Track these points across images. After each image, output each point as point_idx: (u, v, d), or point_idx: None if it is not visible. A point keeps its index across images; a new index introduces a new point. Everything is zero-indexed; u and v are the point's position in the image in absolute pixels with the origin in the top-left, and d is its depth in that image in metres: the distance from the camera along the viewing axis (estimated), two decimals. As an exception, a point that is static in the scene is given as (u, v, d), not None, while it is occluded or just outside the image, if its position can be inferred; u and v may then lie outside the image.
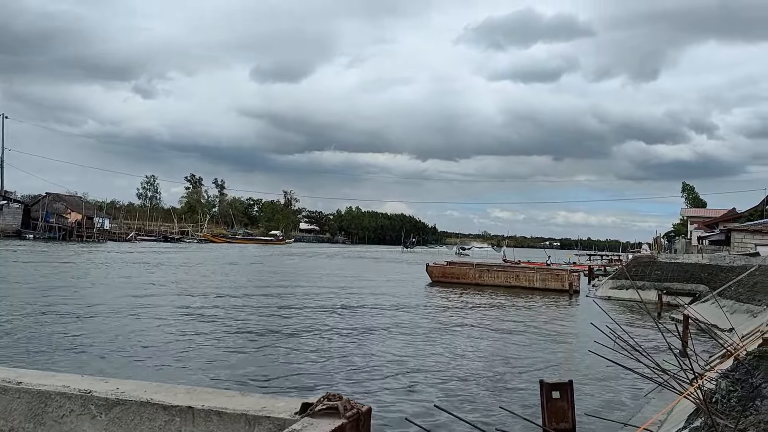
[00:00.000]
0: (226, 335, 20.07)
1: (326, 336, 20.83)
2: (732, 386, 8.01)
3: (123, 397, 2.46)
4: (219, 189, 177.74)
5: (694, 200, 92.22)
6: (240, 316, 24.23)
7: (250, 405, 2.28)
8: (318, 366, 16.38)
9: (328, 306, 29.02)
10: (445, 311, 30.07)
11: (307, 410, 2.14)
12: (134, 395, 2.46)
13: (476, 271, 47.63)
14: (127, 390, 2.51)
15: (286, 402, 2.29)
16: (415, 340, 20.99)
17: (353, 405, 2.13)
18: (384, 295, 35.65)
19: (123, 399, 2.45)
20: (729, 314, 23.09)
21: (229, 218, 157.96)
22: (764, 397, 6.60)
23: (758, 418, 5.70)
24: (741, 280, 31.07)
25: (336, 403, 2.09)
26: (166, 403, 2.37)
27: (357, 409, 2.13)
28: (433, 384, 15.05)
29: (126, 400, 2.44)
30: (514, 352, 19.93)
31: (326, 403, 2.10)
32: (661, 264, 42.11)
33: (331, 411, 2.10)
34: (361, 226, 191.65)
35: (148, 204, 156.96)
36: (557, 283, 43.69)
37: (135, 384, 2.61)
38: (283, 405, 2.26)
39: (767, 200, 63.48)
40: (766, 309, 23.05)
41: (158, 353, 16.94)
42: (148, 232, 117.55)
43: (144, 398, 2.42)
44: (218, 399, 2.35)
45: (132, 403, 2.43)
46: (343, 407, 2.09)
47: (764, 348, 10.11)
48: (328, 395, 2.12)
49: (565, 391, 7.69)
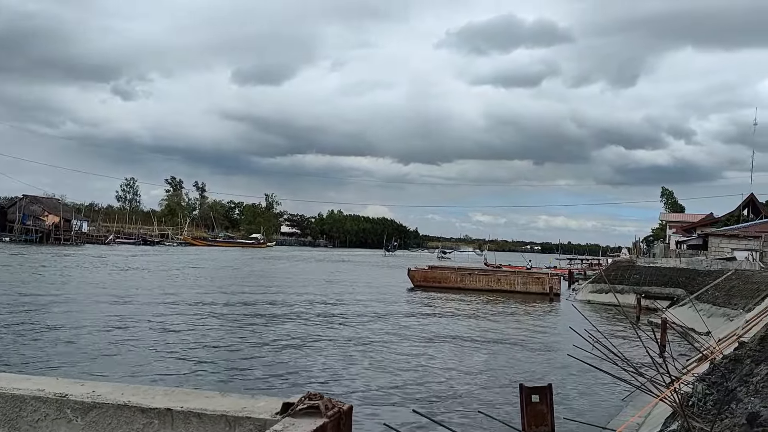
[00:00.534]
0: (204, 338, 19.91)
1: (305, 341, 20.75)
2: (708, 389, 8.10)
3: (99, 400, 2.42)
4: (200, 192, 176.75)
5: (672, 205, 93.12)
6: (218, 320, 24.07)
7: (230, 406, 2.26)
8: (297, 370, 16.31)
9: (309, 310, 28.91)
10: (426, 316, 30.08)
11: (289, 410, 2.13)
12: (111, 398, 2.42)
13: (458, 275, 47.72)
14: (104, 393, 2.47)
15: (266, 402, 2.27)
16: (394, 345, 20.98)
17: (334, 404, 2.12)
18: (365, 300, 35.60)
19: (99, 402, 2.41)
20: (706, 318, 23.35)
21: (209, 221, 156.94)
22: (739, 400, 6.68)
23: (733, 421, 5.77)
24: (718, 284, 31.44)
25: (317, 402, 2.08)
26: (143, 406, 2.34)
27: (338, 408, 2.12)
28: (412, 389, 15.05)
29: (102, 404, 2.41)
30: (493, 356, 20.00)
31: (307, 402, 2.09)
32: (640, 268, 42.50)
33: (312, 410, 2.09)
34: (343, 230, 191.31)
35: (128, 207, 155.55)
36: (538, 287, 43.91)
37: (111, 386, 2.57)
38: (264, 405, 2.24)
39: (743, 205, 64.34)
40: (742, 313, 23.34)
41: (135, 356, 16.80)
42: (127, 235, 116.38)
43: (121, 401, 2.38)
44: (197, 400, 2.32)
45: (109, 407, 2.40)
46: (325, 406, 2.08)
47: (740, 351, 10.24)
48: (309, 395, 2.11)
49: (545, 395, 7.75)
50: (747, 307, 23.67)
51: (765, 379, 7.01)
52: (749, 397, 6.55)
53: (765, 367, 7.79)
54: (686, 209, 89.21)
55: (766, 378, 7.03)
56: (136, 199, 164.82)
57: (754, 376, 7.63)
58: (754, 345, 10.30)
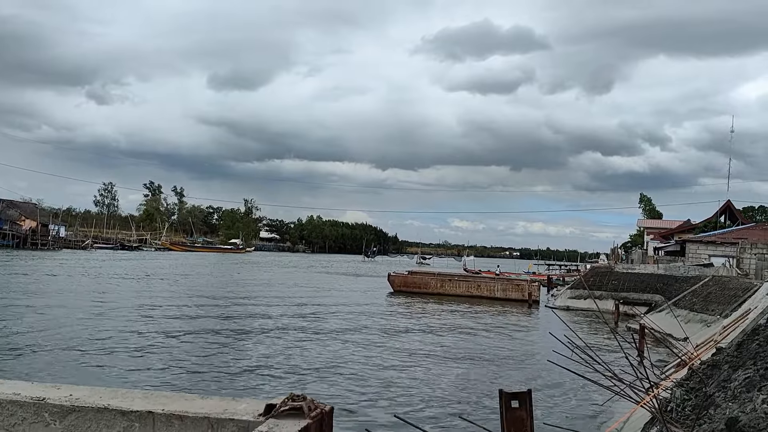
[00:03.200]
0: (183, 343, 19.76)
1: (285, 346, 20.64)
2: (686, 395, 8.17)
3: (78, 403, 2.38)
4: (178, 197, 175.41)
5: (651, 211, 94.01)
6: (197, 326, 23.82)
7: (212, 408, 2.23)
8: (275, 375, 16.22)
9: (289, 315, 28.77)
10: (406, 321, 30.08)
11: (272, 411, 2.11)
12: (90, 401, 2.38)
13: (438, 281, 47.78)
14: (82, 396, 2.43)
15: (248, 404, 2.25)
16: (375, 351, 20.95)
17: (317, 405, 2.11)
18: (345, 305, 35.52)
19: (78, 405, 2.37)
20: (684, 324, 23.58)
21: (188, 226, 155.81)
22: (717, 405, 6.74)
23: (711, 427, 5.82)
24: (695, 290, 31.79)
25: (301, 403, 2.06)
26: (123, 409, 2.30)
27: (321, 408, 2.11)
28: (393, 394, 15.03)
29: (81, 407, 2.36)
30: (473, 362, 20.03)
31: (290, 403, 2.07)
32: (618, 274, 42.84)
33: (295, 412, 2.07)
34: (322, 235, 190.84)
35: (106, 211, 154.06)
36: (518, 294, 44.06)
37: (89, 390, 2.53)
38: (245, 407, 2.22)
39: (721, 212, 65.20)
40: (719, 319, 23.60)
41: (113, 360, 16.61)
42: (105, 240, 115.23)
43: (100, 404, 2.34)
44: (178, 402, 2.29)
45: (88, 410, 2.35)
46: (308, 407, 2.06)
47: (718, 357, 10.34)
48: (292, 396, 2.10)
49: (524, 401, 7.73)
50: (724, 313, 23.94)
51: (743, 385, 7.08)
52: (727, 403, 6.61)
53: (742, 372, 7.87)
54: (664, 216, 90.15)
55: (744, 383, 7.10)
56: (114, 204, 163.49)
57: (731, 381, 7.70)
58: (731, 351, 10.41)
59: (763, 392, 6.07)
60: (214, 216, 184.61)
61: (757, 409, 5.31)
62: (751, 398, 6.08)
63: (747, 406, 5.73)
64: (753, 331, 11.26)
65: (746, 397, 6.34)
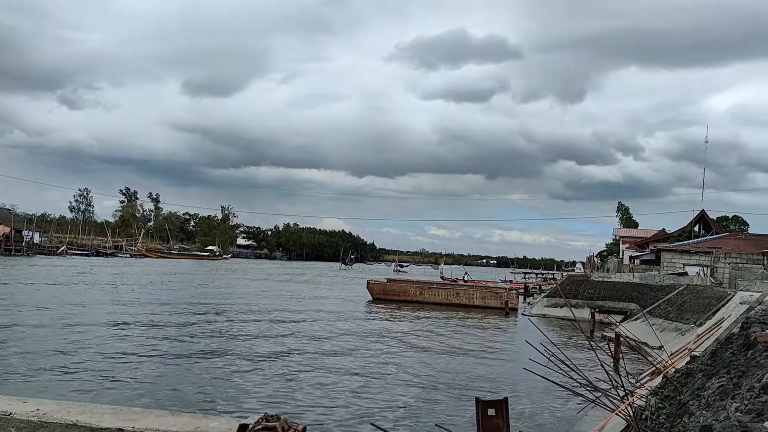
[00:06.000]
0: (154, 356, 19.25)
1: (261, 357, 20.47)
2: (661, 403, 8.23)
3: (46, 419, 2.31)
4: (154, 203, 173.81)
5: (627, 220, 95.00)
6: (170, 336, 23.26)
7: (182, 425, 2.18)
8: (249, 387, 16.03)
9: (266, 325, 28.54)
10: (384, 330, 30.04)
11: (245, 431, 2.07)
12: (58, 417, 2.31)
13: (417, 288, 47.83)
14: (49, 411, 2.36)
15: (219, 422, 2.20)
16: (353, 359, 20.89)
17: (290, 425, 2.07)
18: (324, 314, 35.38)
19: (46, 421, 2.30)
20: (659, 332, 23.81)
21: (164, 233, 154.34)
22: (691, 413, 6.79)
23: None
24: (670, 298, 32.14)
25: (275, 423, 2.03)
26: (93, 425, 2.24)
27: (294, 429, 2.08)
28: (370, 402, 14.98)
29: (50, 422, 2.29)
30: (451, 370, 20.04)
31: (264, 424, 2.04)
32: (594, 283, 43.18)
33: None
34: (300, 243, 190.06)
35: (81, 217, 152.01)
36: (496, 301, 44.25)
37: (56, 404, 2.47)
38: (216, 425, 2.17)
39: (695, 222, 66.03)
40: (693, 327, 23.87)
41: (81, 373, 16.15)
42: (80, 247, 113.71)
43: (69, 420, 2.28)
44: (147, 419, 2.24)
45: (56, 426, 2.28)
46: (282, 428, 2.03)
47: (692, 365, 10.44)
48: (266, 416, 2.06)
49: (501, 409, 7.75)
50: (698, 322, 24.22)
51: (716, 393, 7.14)
52: (701, 411, 6.66)
53: (716, 380, 7.94)
54: (639, 225, 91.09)
55: (718, 392, 7.17)
56: (89, 210, 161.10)
57: (705, 389, 7.77)
58: (705, 359, 10.51)
59: (736, 400, 6.13)
60: (191, 223, 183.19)
61: (730, 417, 5.36)
62: (724, 406, 6.13)
63: (720, 415, 5.78)
64: (726, 339, 11.38)
65: (719, 405, 6.39)
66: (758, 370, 7.30)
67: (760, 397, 5.69)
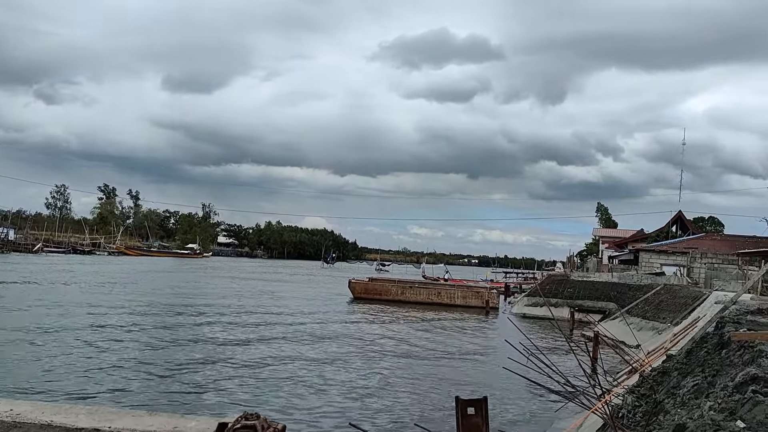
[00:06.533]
0: (129, 356, 18.99)
1: (241, 357, 20.37)
2: (637, 401, 8.32)
3: (20, 419, 2.30)
4: (134, 200, 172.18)
5: (606, 220, 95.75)
6: (146, 337, 22.81)
7: (160, 425, 2.18)
8: (227, 389, 15.92)
9: (246, 325, 28.40)
10: (366, 329, 30.05)
11: (224, 431, 2.07)
12: (32, 417, 2.30)
13: (399, 288, 47.84)
14: (23, 411, 2.35)
15: (197, 422, 2.21)
16: (332, 360, 20.86)
17: (270, 424, 2.08)
18: (304, 313, 35.29)
19: (20, 422, 2.29)
20: (636, 331, 24.07)
21: (144, 230, 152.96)
22: (666, 412, 6.88)
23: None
24: (647, 298, 32.47)
25: (254, 422, 2.03)
26: (68, 426, 2.23)
27: (274, 427, 2.08)
28: (349, 402, 14.99)
29: (24, 423, 2.29)
30: (431, 370, 20.10)
31: (244, 422, 2.04)
32: (573, 282, 43.51)
33: (248, 431, 2.04)
34: (281, 241, 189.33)
35: (58, 214, 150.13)
36: (478, 301, 44.42)
37: (29, 404, 2.45)
38: (195, 425, 2.18)
39: (672, 222, 66.75)
40: (670, 326, 24.13)
41: (54, 373, 15.91)
42: (56, 244, 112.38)
43: (44, 420, 2.27)
44: (124, 420, 2.23)
45: (30, 426, 2.28)
46: (261, 426, 2.04)
47: (668, 364, 10.57)
48: (245, 414, 2.06)
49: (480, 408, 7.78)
50: (675, 321, 24.49)
51: (691, 392, 7.24)
52: (676, 409, 6.75)
53: (691, 379, 8.05)
54: (618, 225, 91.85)
55: (692, 390, 7.27)
56: (66, 207, 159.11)
57: (680, 388, 7.87)
58: (681, 358, 10.65)
59: (710, 399, 6.22)
60: (171, 220, 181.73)
61: (704, 415, 5.44)
62: (698, 405, 6.22)
63: (695, 413, 5.86)
64: (701, 339, 11.53)
65: (694, 404, 6.48)
66: (732, 369, 7.42)
67: (734, 396, 5.78)
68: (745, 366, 7.18)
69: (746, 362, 7.46)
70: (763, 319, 12.88)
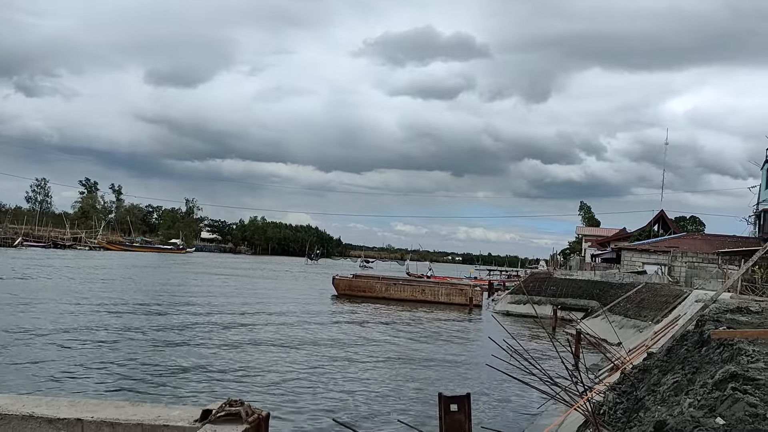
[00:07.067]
0: (112, 350, 18.88)
1: (223, 352, 20.30)
2: (618, 398, 8.39)
3: (1, 411, 2.28)
4: (116, 194, 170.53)
5: (590, 219, 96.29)
6: (126, 331, 22.70)
7: (144, 415, 2.17)
8: (211, 382, 15.91)
9: (229, 319, 28.32)
10: (349, 325, 30.03)
11: (208, 417, 2.07)
12: (13, 409, 2.28)
13: (383, 284, 47.83)
14: (4, 404, 2.33)
15: (181, 410, 2.20)
16: (316, 356, 20.84)
17: (254, 410, 2.09)
18: (288, 309, 35.23)
19: (2, 413, 2.27)
20: (618, 329, 24.24)
21: (126, 225, 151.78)
22: (647, 408, 6.94)
23: (641, 429, 5.99)
24: (629, 296, 32.74)
25: (238, 408, 2.04)
26: (50, 416, 2.21)
27: (258, 414, 2.09)
28: (333, 398, 14.98)
29: (5, 415, 2.27)
30: (415, 367, 20.14)
31: (228, 409, 2.05)
32: (557, 280, 43.75)
33: (232, 417, 2.04)
34: (265, 237, 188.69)
35: (38, 208, 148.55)
36: (461, 298, 44.52)
37: (9, 397, 2.43)
38: (179, 413, 2.17)
39: (654, 221, 67.28)
40: (651, 324, 24.35)
41: (34, 367, 15.78)
42: (36, 238, 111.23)
43: (26, 412, 2.25)
44: (107, 410, 2.22)
45: (12, 418, 2.26)
46: (245, 413, 2.04)
47: (648, 362, 10.67)
48: (229, 401, 2.07)
49: (463, 404, 7.81)
50: (656, 319, 24.71)
51: (671, 389, 7.31)
52: (656, 406, 6.82)
53: (671, 376, 8.12)
54: (601, 224, 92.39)
55: (672, 387, 7.34)
56: (47, 201, 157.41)
57: (661, 385, 7.95)
58: (661, 355, 10.75)
59: (690, 396, 6.28)
60: (154, 215, 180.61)
61: (684, 412, 5.49)
62: (678, 402, 6.28)
63: (675, 410, 5.92)
64: (682, 336, 11.64)
65: (674, 401, 6.54)
66: (711, 367, 7.49)
67: (713, 392, 5.84)
68: (724, 363, 7.26)
69: (726, 360, 7.54)
70: (743, 318, 13.03)
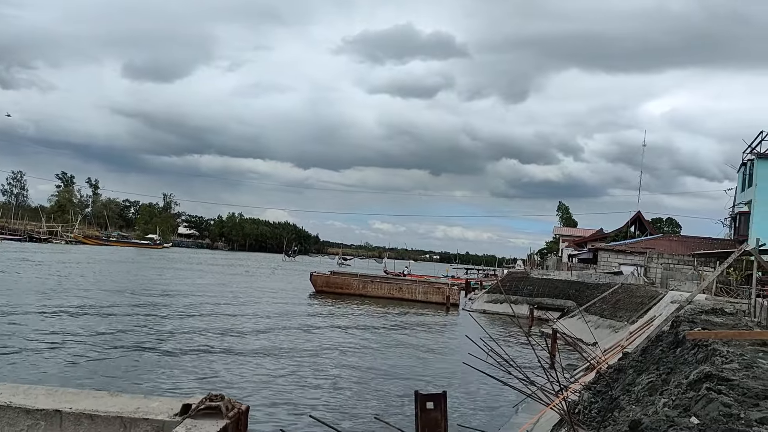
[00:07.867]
0: (87, 344, 18.68)
1: (200, 347, 20.19)
2: (593, 398, 8.48)
3: (-23, 401, 2.25)
4: (93, 188, 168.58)
5: (567, 219, 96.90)
6: (101, 326, 22.43)
7: (123, 406, 2.15)
8: (188, 378, 15.85)
9: (206, 315, 28.16)
10: (326, 323, 29.97)
11: (189, 411, 2.06)
12: (-10, 398, 2.25)
13: (360, 282, 47.81)
14: (-20, 393, 2.29)
15: (161, 402, 2.18)
16: (293, 353, 20.79)
17: (234, 404, 2.07)
18: (266, 305, 35.11)
19: (-22, 403, 2.24)
20: (594, 329, 24.47)
21: (103, 220, 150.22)
22: (622, 408, 7.02)
23: (615, 429, 6.05)
24: (605, 297, 33.02)
25: (219, 403, 2.03)
26: (27, 407, 2.18)
27: (238, 408, 2.08)
28: (309, 395, 14.96)
29: (-19, 405, 2.24)
30: (391, 364, 20.16)
31: (208, 403, 2.03)
32: (533, 280, 43.99)
33: (212, 411, 2.03)
34: (243, 233, 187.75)
35: (14, 201, 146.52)
36: (438, 297, 44.59)
37: (-15, 386, 2.39)
38: (158, 405, 2.15)
39: (631, 222, 67.93)
40: (626, 325, 24.60)
41: (9, 357, 15.68)
42: (11, 231, 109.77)
43: (2, 402, 2.22)
44: (86, 401, 2.19)
45: (-11, 408, 2.23)
46: (226, 407, 2.03)
47: (623, 362, 10.78)
48: (210, 396, 2.06)
49: (439, 402, 7.84)
50: (631, 320, 24.96)
51: (646, 389, 7.40)
52: (631, 405, 6.89)
53: (646, 377, 8.22)
54: (579, 224, 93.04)
55: (647, 387, 7.42)
56: (23, 194, 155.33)
57: (636, 385, 8.04)
58: (636, 356, 10.88)
59: (664, 396, 6.36)
60: (131, 210, 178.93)
61: (658, 412, 5.56)
62: (653, 401, 6.36)
63: (649, 409, 5.99)
64: (657, 337, 11.79)
65: (648, 401, 6.62)
66: (686, 367, 7.60)
67: (688, 392, 5.92)
68: (699, 364, 7.36)
69: (700, 360, 7.64)
70: (717, 319, 13.22)
